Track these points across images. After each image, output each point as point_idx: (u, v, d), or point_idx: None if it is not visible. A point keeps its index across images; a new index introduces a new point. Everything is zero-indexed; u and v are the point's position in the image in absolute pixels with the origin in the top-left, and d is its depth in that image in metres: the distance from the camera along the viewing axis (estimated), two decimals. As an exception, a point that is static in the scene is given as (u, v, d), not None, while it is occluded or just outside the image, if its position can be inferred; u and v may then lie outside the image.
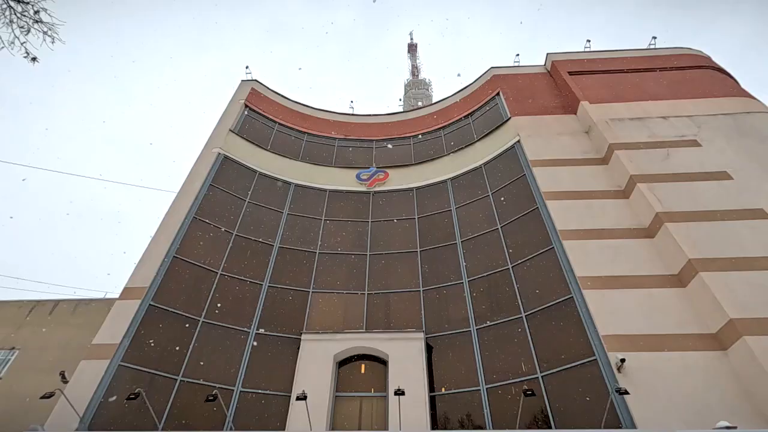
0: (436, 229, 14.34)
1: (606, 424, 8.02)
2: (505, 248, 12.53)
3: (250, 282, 12.50)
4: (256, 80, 19.82)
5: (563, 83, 16.73)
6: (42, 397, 7.95)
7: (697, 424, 7.43)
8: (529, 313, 10.81)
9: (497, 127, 16.16)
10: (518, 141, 14.95)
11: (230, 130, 16.49)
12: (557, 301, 10.53)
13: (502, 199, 13.94)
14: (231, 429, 9.12)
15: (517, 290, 11.41)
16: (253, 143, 16.68)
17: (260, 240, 13.68)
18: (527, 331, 10.53)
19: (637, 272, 10.39)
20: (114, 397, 9.11)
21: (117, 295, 11.12)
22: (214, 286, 11.99)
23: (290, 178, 16.04)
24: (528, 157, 14.11)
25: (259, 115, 18.28)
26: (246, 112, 17.97)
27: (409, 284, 12.86)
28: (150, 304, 10.79)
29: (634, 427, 7.91)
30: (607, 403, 8.31)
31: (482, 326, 11.19)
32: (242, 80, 19.75)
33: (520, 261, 11.96)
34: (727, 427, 6.98)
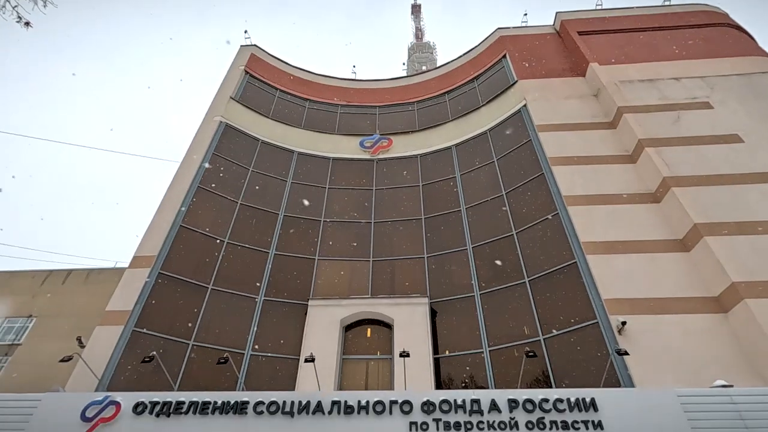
0: (440, 196, 14.30)
1: (605, 384, 8.26)
2: (509, 214, 12.52)
3: (257, 250, 12.66)
4: (255, 45, 19.29)
5: (572, 44, 16.15)
6: (61, 361, 8.27)
7: (695, 383, 7.62)
8: (532, 278, 10.93)
9: (503, 92, 15.77)
10: (524, 105, 14.62)
11: (231, 97, 16.22)
12: (561, 266, 10.62)
13: (508, 165, 13.79)
14: (243, 389, 9.49)
15: (521, 256, 11.48)
16: (255, 111, 16.44)
17: (265, 209, 13.74)
18: (530, 295, 10.68)
19: (642, 237, 10.39)
20: (129, 360, 9.46)
21: (127, 265, 11.34)
22: (221, 254, 12.16)
23: (293, 146, 15.90)
24: (534, 122, 13.84)
25: (259, 81, 17.91)
26: (246, 79, 17.61)
27: (413, 251, 12.97)
28: (159, 272, 11.00)
29: (632, 386, 8.15)
30: (607, 363, 8.53)
31: (486, 291, 11.36)
32: (241, 45, 19.22)
33: (524, 227, 11.97)
34: (724, 386, 7.17)
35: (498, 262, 11.81)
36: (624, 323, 8.77)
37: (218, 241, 12.40)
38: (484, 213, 13.12)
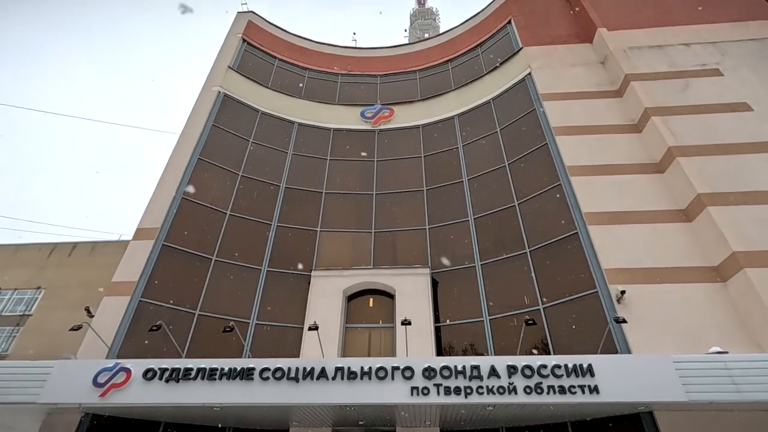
0: (442, 167, 14.19)
1: (603, 351, 8.43)
2: (512, 185, 12.46)
3: (259, 222, 12.71)
4: (252, 12, 18.70)
5: (580, 7, 15.58)
6: (71, 329, 8.48)
7: (692, 351, 7.76)
8: (533, 248, 10.98)
9: (507, 59, 15.36)
10: (529, 73, 14.27)
11: (229, 66, 15.87)
12: (562, 236, 10.65)
13: (511, 135, 13.61)
14: (248, 357, 9.74)
15: (522, 227, 11.50)
16: (253, 80, 16.12)
17: (266, 181, 13.70)
18: (531, 266, 10.77)
19: (644, 208, 10.36)
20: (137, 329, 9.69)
21: (131, 238, 11.43)
22: (224, 226, 12.23)
23: (293, 117, 15.68)
24: (539, 91, 13.56)
25: (257, 50, 17.47)
26: (244, 48, 17.17)
27: (415, 222, 13.00)
28: (163, 244, 11.10)
29: (629, 353, 8.32)
30: (605, 332, 8.68)
31: (487, 262, 11.45)
32: (238, 12, 18.64)
33: (526, 198, 11.93)
34: (719, 352, 7.32)
35: (499, 233, 11.85)
36: (623, 292, 8.87)
37: (220, 213, 12.43)
38: (487, 184, 13.05)
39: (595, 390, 6.93)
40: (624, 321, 8.22)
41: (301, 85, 17.18)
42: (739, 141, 10.70)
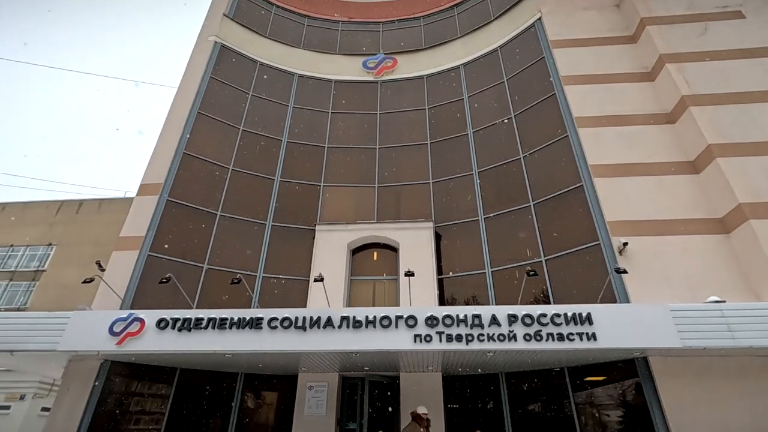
0: (447, 119, 13.88)
1: (602, 301, 8.61)
2: (517, 138, 12.22)
3: (262, 177, 12.67)
4: (246, -47, 17.55)
5: (597, -55, 14.48)
6: (84, 282, 8.74)
7: (691, 300, 7.91)
8: (537, 202, 10.95)
9: (516, 3, 14.54)
10: (539, 19, 13.56)
11: (224, 14, 15.17)
12: (567, 189, 10.57)
13: (518, 85, 13.16)
14: (257, 307, 10.06)
15: (527, 180, 11.41)
16: (250, 29, 15.46)
17: (268, 135, 13.50)
18: (534, 219, 10.79)
19: (652, 159, 10.19)
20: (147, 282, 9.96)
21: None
22: (227, 181, 12.21)
23: (293, 68, 15.17)
24: (548, 37, 12.94)
25: (253, -4, 16.60)
26: (239, -7, 16.31)
27: (418, 176, 12.91)
28: (167, 200, 11.16)
29: (628, 303, 8.50)
30: (605, 283, 8.83)
31: (490, 215, 11.48)
32: (231, -46, 17.51)
33: (532, 150, 11.74)
34: (717, 301, 7.47)
35: (503, 186, 11.78)
36: (625, 244, 8.93)
37: (223, 168, 12.38)
38: (492, 136, 12.81)
39: (592, 337, 7.15)
40: (624, 271, 8.33)
41: (300, 33, 16.49)
42: (755, 89, 10.30)
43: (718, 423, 7.19)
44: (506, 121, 12.74)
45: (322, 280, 9.05)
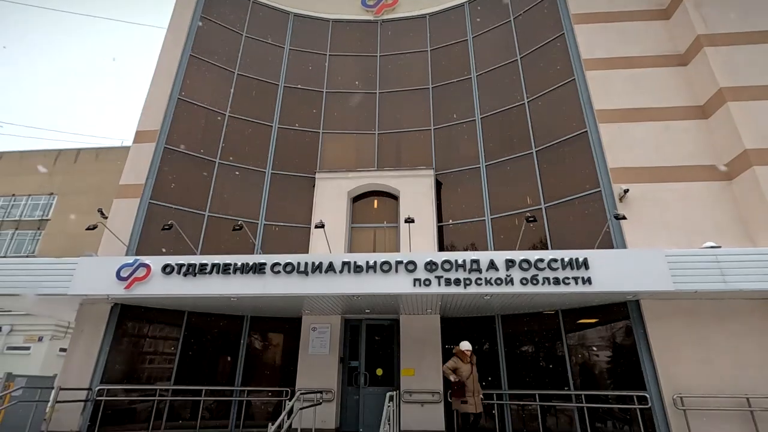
0: (450, 62, 13.33)
1: (600, 247, 8.72)
2: (522, 82, 11.80)
3: (260, 123, 12.41)
4: None
5: None
6: (87, 228, 8.86)
7: (687, 246, 8.01)
8: (540, 148, 10.79)
9: (528, -69, 13.41)
10: (551, -51, 12.58)
11: (212, -54, 14.08)
12: (570, 135, 10.37)
13: (525, 24, 12.49)
14: (260, 253, 10.25)
15: (530, 126, 11.17)
16: (242, -37, 14.41)
17: (264, 79, 13.05)
18: (536, 166, 10.68)
19: (660, 104, 9.90)
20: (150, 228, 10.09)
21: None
22: (224, 128, 11.98)
23: (288, 7, 14.34)
24: (560, -29, 12.07)
25: (243, -76, 15.31)
26: None
27: (420, 123, 12.63)
28: (165, 147, 11.02)
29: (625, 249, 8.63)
30: (603, 229, 8.91)
31: (492, 162, 11.36)
32: None
33: (537, 95, 11.38)
34: (712, 247, 7.58)
35: (506, 133, 11.55)
36: (626, 191, 8.90)
37: (219, 114, 12.09)
38: (496, 80, 12.36)
39: (588, 281, 7.33)
40: (623, 217, 8.38)
41: (294, -33, 15.38)
42: (776, 27, 9.78)
43: (703, 361, 7.56)
44: (512, 63, 12.22)
45: (323, 226, 9.14)
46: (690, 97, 9.88)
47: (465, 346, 7.39)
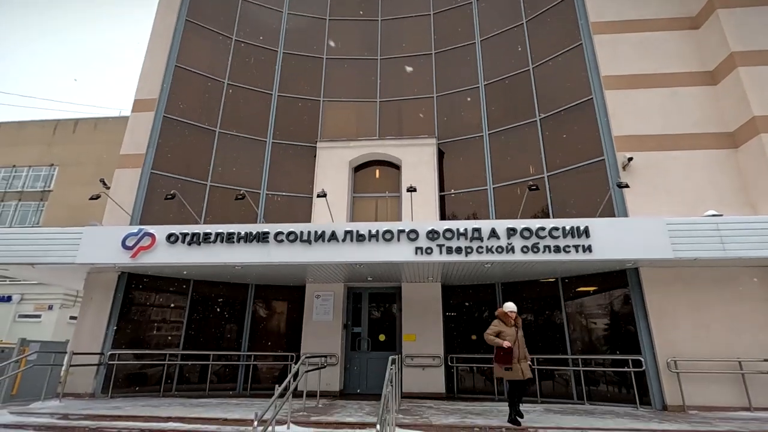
0: (453, 26, 12.92)
1: (601, 216, 8.74)
2: (528, 47, 11.48)
3: (259, 92, 12.20)
4: None
5: None
6: (91, 198, 8.90)
7: (690, 215, 8.02)
8: (544, 116, 10.63)
9: None
10: None
11: None
12: (575, 103, 10.19)
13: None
14: (262, 223, 10.31)
15: (535, 93, 10.96)
16: None
17: (262, 46, 12.72)
18: (540, 134, 10.56)
19: (668, 69, 9.67)
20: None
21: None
22: (223, 96, 11.80)
23: (285, -32, 13.78)
24: (570, -73, 11.50)
25: None
26: None
27: (422, 90, 12.40)
28: (164, 116, 10.88)
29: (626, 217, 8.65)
30: (605, 198, 8.90)
31: (495, 131, 11.22)
32: None
33: (542, 61, 11.10)
34: (714, 215, 7.58)
35: (510, 100, 11.35)
36: (630, 159, 8.84)
37: (218, 82, 11.87)
38: (500, 46, 12.02)
39: (588, 249, 7.40)
40: (626, 186, 8.35)
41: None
42: (794, -12, 9.40)
43: (699, 326, 7.73)
44: (517, 28, 11.85)
45: (325, 195, 9.15)
46: (699, 62, 9.63)
47: (509, 307, 6.45)
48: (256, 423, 4.39)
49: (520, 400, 6.19)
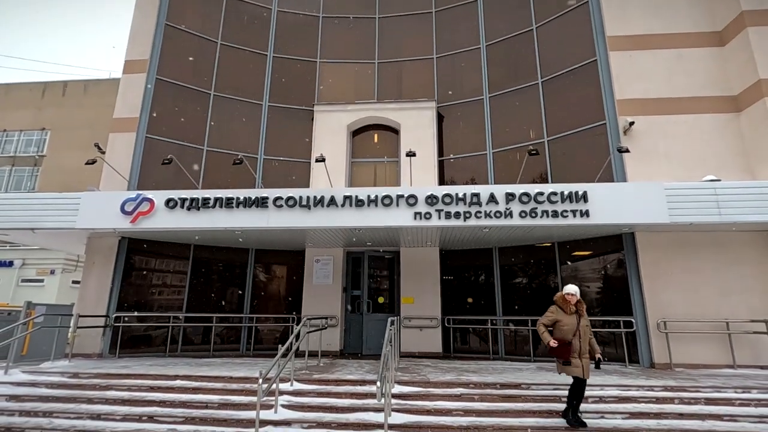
0: (454, -17, 12.37)
1: (600, 181, 8.74)
2: (531, 5, 11.06)
3: (254, 52, 11.82)
4: None
5: None
6: (86, 163, 8.80)
7: (687, 179, 8.03)
8: (546, 78, 10.40)
9: None
10: None
11: None
12: (579, 65, 9.94)
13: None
14: (261, 188, 10.29)
15: (537, 55, 10.66)
16: None
17: (255, 3, 12.20)
18: (541, 98, 10.37)
19: (676, 29, 9.39)
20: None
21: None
22: (217, 57, 11.44)
23: None
24: None
25: None
26: None
27: (421, 51, 12.03)
28: (157, 78, 10.59)
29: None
30: (605, 163, 8.87)
31: (495, 94, 11.01)
32: None
33: (546, 20, 10.73)
34: (712, 180, 7.61)
35: (512, 62, 11.07)
36: (632, 123, 8.75)
37: (210, 42, 11.47)
38: (503, 4, 11.57)
39: (586, 214, 7.45)
40: (627, 150, 8.31)
41: None
42: (812, -59, 8.98)
43: (689, 288, 7.93)
44: (521, -16, 11.36)
45: (323, 160, 9.09)
46: (708, 21, 9.35)
47: (569, 289, 5.05)
48: (260, 380, 4.57)
49: (579, 402, 5.02)
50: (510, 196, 7.66)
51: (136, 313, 9.42)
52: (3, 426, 5.23)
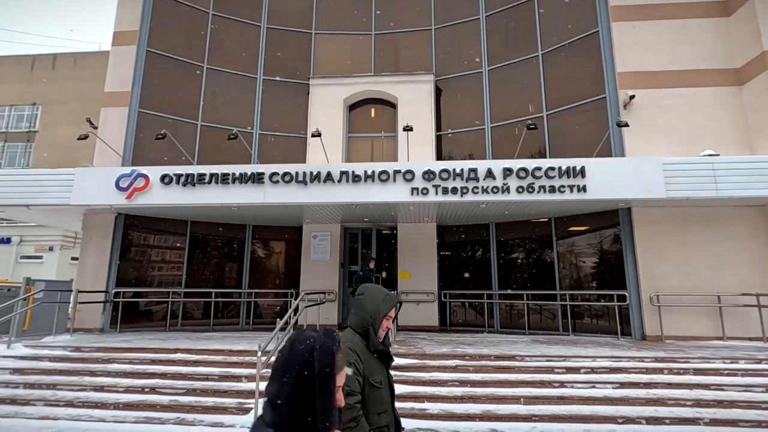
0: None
1: (599, 156, 8.68)
2: (533, -27, 10.69)
3: (247, 23, 11.48)
4: None
5: None
6: (79, 138, 8.67)
7: (686, 154, 7.99)
8: (546, 51, 10.18)
9: None
10: None
11: None
12: (580, 36, 9.71)
13: None
14: (257, 164, 10.20)
15: (538, 25, 10.39)
16: None
17: (248, -29, 11.75)
18: (541, 70, 10.18)
19: (681, -1, 9.13)
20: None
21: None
22: (209, 28, 11.11)
23: None
24: None
25: None
26: None
27: (419, 22, 11.70)
28: (147, 50, 10.31)
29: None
30: (604, 137, 8.80)
31: (495, 67, 10.79)
32: None
33: (548, -11, 10.40)
34: (710, 155, 7.56)
35: (512, 33, 10.79)
36: (632, 97, 8.62)
37: (202, 12, 11.11)
38: (504, -28, 11.18)
39: (583, 189, 7.44)
40: (626, 124, 8.23)
41: None
42: None
43: (683, 262, 8.02)
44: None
45: (319, 135, 8.97)
46: (714, -10, 9.09)
47: None
48: (260, 353, 4.65)
49: None
50: (507, 172, 7.62)
51: (135, 289, 9.50)
52: (7, 398, 5.35)
